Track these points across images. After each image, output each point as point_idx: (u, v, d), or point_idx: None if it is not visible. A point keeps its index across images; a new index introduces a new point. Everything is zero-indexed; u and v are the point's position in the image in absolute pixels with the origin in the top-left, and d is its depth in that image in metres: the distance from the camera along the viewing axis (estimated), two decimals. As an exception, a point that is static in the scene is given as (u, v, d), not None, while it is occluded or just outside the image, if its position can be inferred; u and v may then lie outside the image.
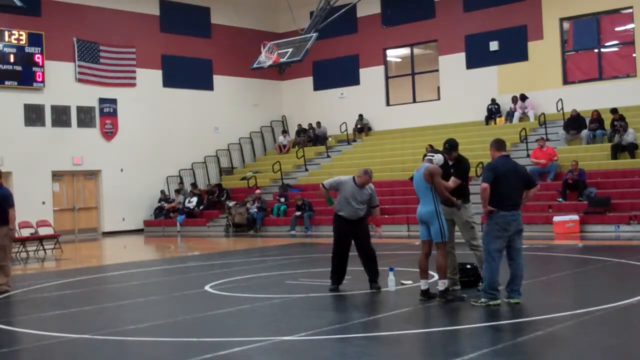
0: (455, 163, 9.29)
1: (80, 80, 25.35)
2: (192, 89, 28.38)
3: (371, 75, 28.54)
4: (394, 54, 29.29)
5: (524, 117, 24.51)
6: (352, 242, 10.03)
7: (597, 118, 21.51)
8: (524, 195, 8.51)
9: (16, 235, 11.51)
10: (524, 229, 8.73)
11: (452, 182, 9.10)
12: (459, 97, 26.08)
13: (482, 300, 8.31)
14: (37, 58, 24.12)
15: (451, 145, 9.27)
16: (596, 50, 23.90)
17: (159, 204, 26.86)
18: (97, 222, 26.12)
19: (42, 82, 24.24)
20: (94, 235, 25.65)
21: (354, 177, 9.91)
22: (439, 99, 27.50)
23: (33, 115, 24.24)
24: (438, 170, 8.79)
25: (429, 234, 8.83)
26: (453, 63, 26.34)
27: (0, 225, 11.27)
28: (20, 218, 18.70)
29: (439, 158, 8.95)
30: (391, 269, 9.82)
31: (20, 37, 23.81)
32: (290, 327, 7.86)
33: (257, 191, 24.88)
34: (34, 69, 24.11)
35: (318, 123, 29.22)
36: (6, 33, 23.58)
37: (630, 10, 23.11)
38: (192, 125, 28.15)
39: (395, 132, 27.31)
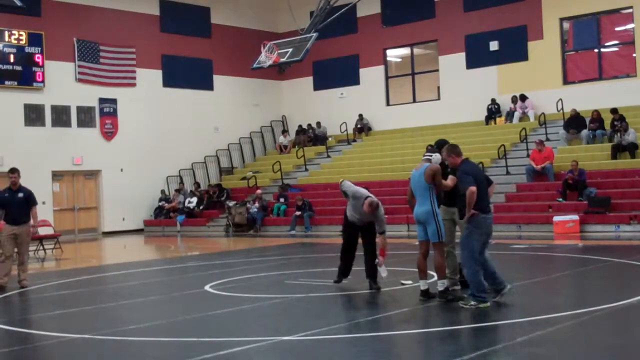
0: None
1: (80, 80, 25.36)
2: (192, 89, 28.38)
3: (371, 75, 28.54)
4: (394, 54, 29.29)
5: (524, 117, 24.52)
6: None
7: (597, 118, 21.51)
8: None
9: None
10: (524, 228, 8.74)
11: (450, 180, 9.08)
12: (459, 97, 26.08)
13: (472, 303, 8.33)
14: (37, 58, 24.13)
15: (439, 145, 9.25)
16: (596, 50, 23.90)
17: (159, 204, 26.87)
18: (97, 222, 26.12)
19: (42, 82, 24.24)
20: (94, 235, 25.65)
21: (366, 198, 9.83)
22: (439, 99, 27.50)
23: (33, 115, 24.24)
24: (439, 170, 8.79)
25: (426, 235, 8.82)
26: (453, 63, 26.34)
27: (24, 223, 11.87)
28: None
29: (437, 157, 8.94)
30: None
31: (20, 37, 23.81)
32: (290, 327, 7.86)
33: (258, 191, 24.88)
34: (34, 69, 24.11)
35: (318, 123, 29.23)
36: (6, 33, 23.59)
37: (630, 10, 23.10)
38: (192, 125, 28.16)
39: (395, 132, 27.31)
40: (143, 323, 8.52)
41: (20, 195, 11.86)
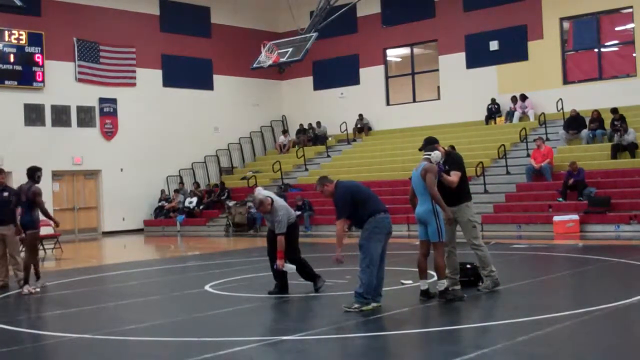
0: (446, 158, 9.23)
1: (80, 80, 25.36)
2: (192, 89, 28.39)
3: (371, 75, 28.54)
4: (394, 54, 29.29)
5: (524, 117, 24.52)
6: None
7: (597, 118, 21.51)
8: None
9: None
10: (524, 228, 8.73)
11: (454, 175, 9.03)
12: (459, 97, 26.08)
13: (356, 305, 8.37)
14: (37, 58, 24.13)
15: (428, 143, 9.14)
16: (596, 50, 23.90)
17: (159, 204, 26.87)
18: (97, 222, 26.12)
19: (42, 82, 24.25)
20: (94, 235, 25.65)
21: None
22: (439, 98, 27.50)
23: (33, 115, 24.24)
24: (433, 169, 8.72)
25: (427, 234, 8.80)
26: (453, 63, 26.34)
27: (11, 223, 11.72)
28: (20, 218, 18.74)
29: (437, 155, 8.91)
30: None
31: (20, 37, 23.81)
32: (290, 327, 7.86)
33: (260, 191, 24.85)
34: (34, 68, 24.11)
35: (318, 123, 29.23)
36: (6, 33, 23.59)
37: (630, 10, 23.10)
38: (192, 125, 28.15)
39: (395, 132, 27.31)
40: (143, 323, 8.53)
41: (5, 194, 11.67)
